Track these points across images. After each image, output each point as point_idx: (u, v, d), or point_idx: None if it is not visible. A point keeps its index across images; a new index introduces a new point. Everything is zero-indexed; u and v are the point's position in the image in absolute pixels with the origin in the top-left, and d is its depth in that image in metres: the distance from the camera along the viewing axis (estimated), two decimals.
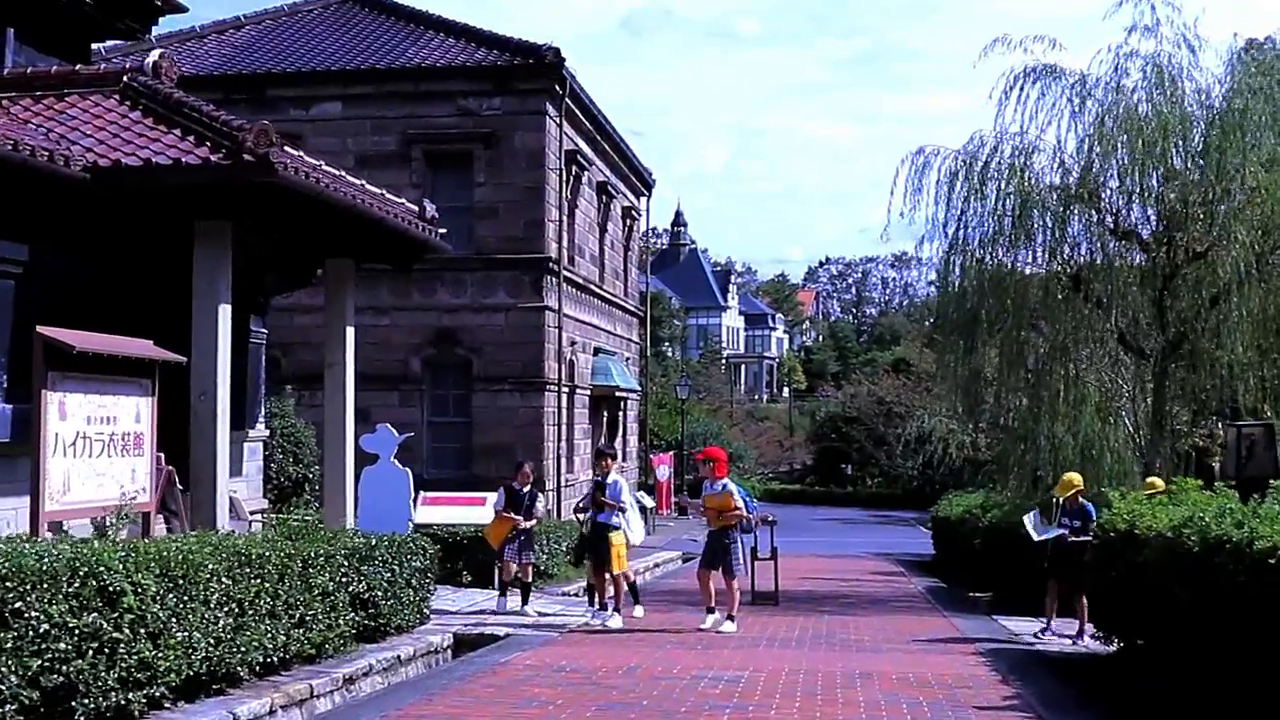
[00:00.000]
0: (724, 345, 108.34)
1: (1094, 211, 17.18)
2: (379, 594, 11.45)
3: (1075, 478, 13.96)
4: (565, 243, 28.31)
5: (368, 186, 15.31)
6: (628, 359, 36.45)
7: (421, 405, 26.98)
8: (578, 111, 28.90)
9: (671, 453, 43.12)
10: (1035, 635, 13.86)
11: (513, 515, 15.06)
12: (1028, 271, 17.80)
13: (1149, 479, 14.31)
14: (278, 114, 25.94)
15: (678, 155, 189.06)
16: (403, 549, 12.30)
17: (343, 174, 14.23)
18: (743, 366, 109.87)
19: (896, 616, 16.35)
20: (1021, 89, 17.57)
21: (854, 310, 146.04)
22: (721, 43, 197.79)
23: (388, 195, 16.41)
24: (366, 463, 16.79)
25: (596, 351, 31.43)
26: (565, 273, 27.72)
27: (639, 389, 36.74)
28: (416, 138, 26.99)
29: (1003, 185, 17.11)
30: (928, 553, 31.09)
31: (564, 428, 28.08)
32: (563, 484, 28.28)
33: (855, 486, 67.24)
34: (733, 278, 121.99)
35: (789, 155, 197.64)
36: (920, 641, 13.64)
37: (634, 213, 37.62)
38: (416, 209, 16.86)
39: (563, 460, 27.98)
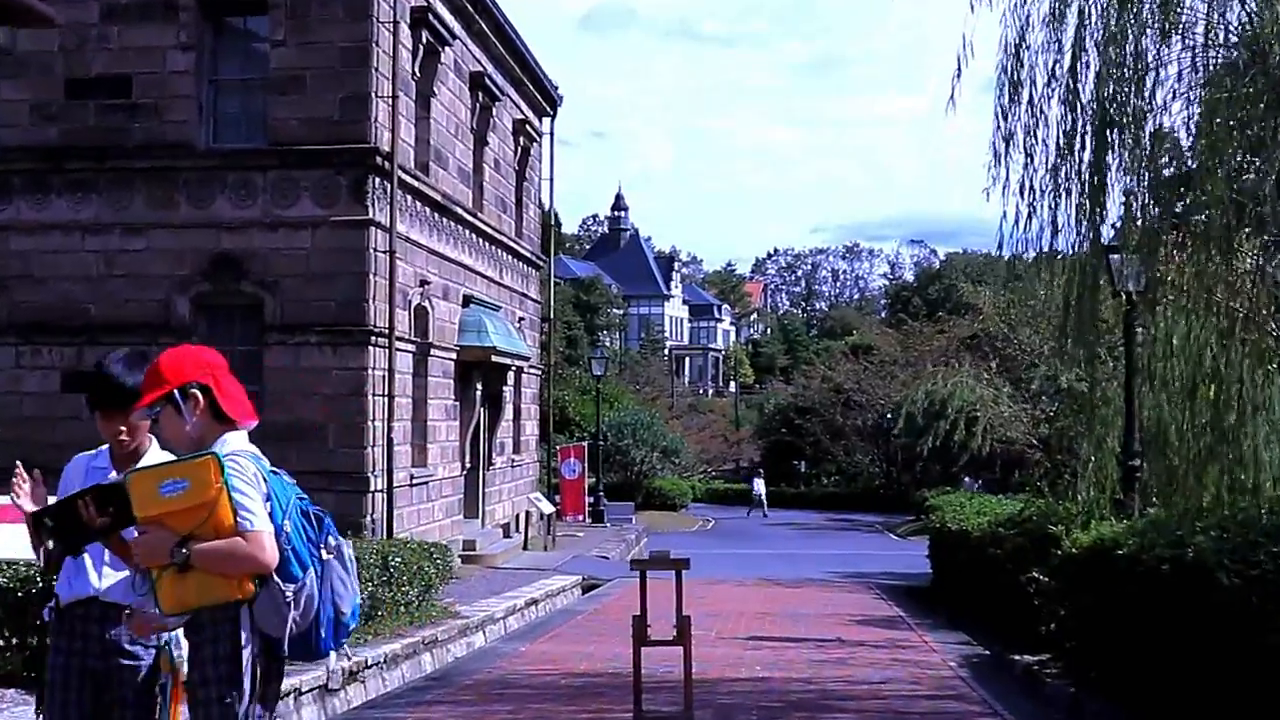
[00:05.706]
0: (667, 336, 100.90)
1: None
2: None
3: None
4: (410, 137, 19.81)
5: None
6: (521, 319, 27.90)
7: None
8: None
9: (584, 444, 34.65)
10: None
11: None
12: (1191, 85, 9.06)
13: None
14: None
15: (629, 155, 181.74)
16: None
17: None
18: (687, 358, 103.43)
19: None
20: None
21: (803, 303, 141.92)
22: (682, 43, 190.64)
23: None
24: None
25: (467, 301, 22.88)
26: (404, 176, 19.12)
27: (531, 358, 28.06)
28: None
29: None
30: (915, 571, 23.01)
31: (406, 402, 19.54)
32: (411, 483, 19.79)
33: (809, 485, 60.76)
34: (676, 266, 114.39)
35: (738, 157, 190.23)
36: None
37: (531, 131, 28.97)
38: None
39: (404, 449, 19.44)
